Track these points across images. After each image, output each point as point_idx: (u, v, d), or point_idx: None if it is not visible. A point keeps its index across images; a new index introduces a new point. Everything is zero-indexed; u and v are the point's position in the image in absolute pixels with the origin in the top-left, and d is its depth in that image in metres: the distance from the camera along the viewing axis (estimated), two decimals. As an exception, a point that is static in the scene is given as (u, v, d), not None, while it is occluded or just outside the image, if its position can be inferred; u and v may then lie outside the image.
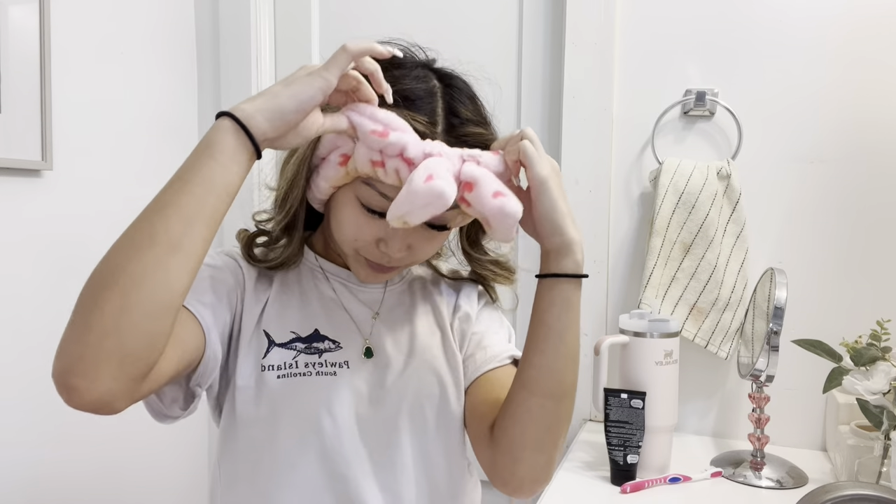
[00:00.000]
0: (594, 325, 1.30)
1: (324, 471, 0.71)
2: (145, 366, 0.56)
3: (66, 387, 0.53)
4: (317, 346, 0.73)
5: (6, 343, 1.12)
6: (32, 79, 1.13)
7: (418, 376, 0.76)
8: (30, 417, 1.16)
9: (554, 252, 0.66)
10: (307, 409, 0.71)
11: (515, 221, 0.63)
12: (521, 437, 0.68)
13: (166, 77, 1.46)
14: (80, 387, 0.53)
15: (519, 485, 0.70)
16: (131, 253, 0.55)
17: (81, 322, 0.54)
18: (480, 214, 0.64)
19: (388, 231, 0.67)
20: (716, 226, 1.18)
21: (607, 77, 1.27)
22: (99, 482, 1.30)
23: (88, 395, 0.53)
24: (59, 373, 0.54)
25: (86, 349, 0.53)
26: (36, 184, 1.17)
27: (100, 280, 0.55)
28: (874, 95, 1.16)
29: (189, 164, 0.58)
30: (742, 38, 1.21)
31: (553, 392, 0.67)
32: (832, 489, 0.76)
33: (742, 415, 1.23)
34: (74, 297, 0.57)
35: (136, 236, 0.56)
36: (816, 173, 1.19)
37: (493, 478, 0.72)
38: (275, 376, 0.71)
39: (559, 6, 1.33)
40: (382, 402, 0.73)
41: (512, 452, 0.69)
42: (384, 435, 0.73)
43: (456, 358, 0.78)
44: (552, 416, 0.68)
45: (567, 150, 1.29)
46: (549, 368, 0.67)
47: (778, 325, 0.99)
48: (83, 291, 0.56)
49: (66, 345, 0.54)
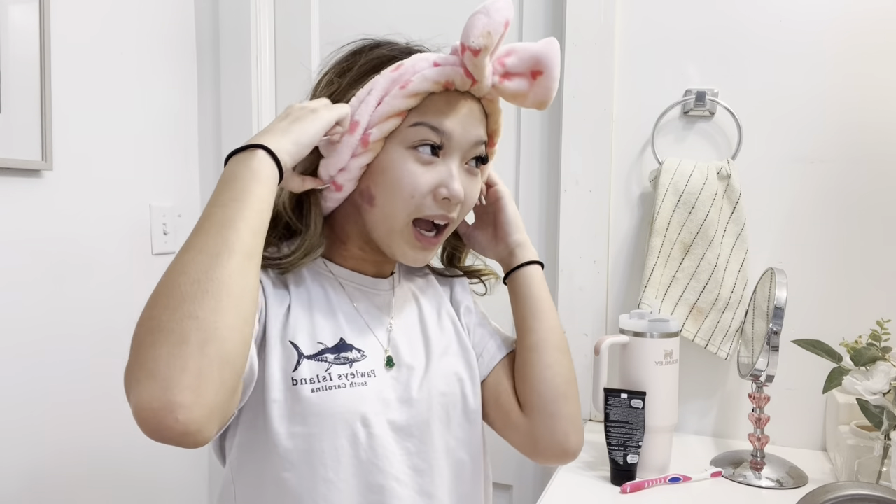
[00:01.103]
0: (594, 325, 1.30)
1: (360, 483, 0.70)
2: (239, 374, 0.56)
3: (168, 408, 0.50)
4: (345, 355, 0.72)
5: (5, 343, 1.12)
6: (32, 79, 1.13)
7: (440, 378, 0.77)
8: (28, 418, 1.16)
9: (517, 247, 0.83)
10: (343, 421, 0.69)
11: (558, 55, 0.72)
12: (552, 392, 0.77)
13: (166, 77, 1.46)
14: (187, 402, 0.51)
15: (563, 439, 0.77)
16: (214, 262, 0.56)
17: (173, 336, 0.52)
18: (526, 64, 0.72)
19: (446, 172, 0.72)
20: (716, 226, 1.18)
21: (607, 77, 1.27)
22: (99, 482, 1.30)
23: (194, 413, 0.51)
24: (155, 396, 0.51)
25: (188, 360, 0.52)
26: (36, 184, 1.17)
27: (181, 293, 0.54)
28: (875, 95, 1.16)
29: (242, 187, 0.61)
30: (742, 39, 1.21)
31: (559, 346, 0.80)
32: (832, 489, 0.76)
33: (742, 415, 1.23)
34: (74, 297, 0.57)
35: (213, 248, 0.57)
36: (816, 173, 1.19)
37: (536, 446, 0.78)
38: (309, 390, 0.69)
39: (559, 6, 1.33)
40: (411, 408, 0.74)
41: (548, 409, 0.77)
42: (416, 440, 0.74)
43: (470, 354, 0.81)
44: (567, 368, 0.79)
45: (567, 150, 1.29)
46: (548, 329, 0.80)
47: (778, 325, 0.99)
48: (156, 312, 0.54)
49: (156, 365, 0.51)
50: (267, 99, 1.52)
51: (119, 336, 1.33)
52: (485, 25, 0.66)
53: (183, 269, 0.56)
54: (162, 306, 0.54)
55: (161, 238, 1.43)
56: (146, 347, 0.53)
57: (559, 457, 0.78)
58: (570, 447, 0.78)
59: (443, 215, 0.73)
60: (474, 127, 0.73)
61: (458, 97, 0.72)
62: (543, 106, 0.74)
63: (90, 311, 1.26)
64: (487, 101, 0.75)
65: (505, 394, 0.81)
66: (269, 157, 0.63)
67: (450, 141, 0.72)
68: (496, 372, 0.82)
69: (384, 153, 0.72)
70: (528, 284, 0.81)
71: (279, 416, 0.68)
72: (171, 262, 0.57)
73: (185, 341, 0.52)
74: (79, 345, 1.24)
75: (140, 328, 0.54)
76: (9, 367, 1.13)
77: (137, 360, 0.53)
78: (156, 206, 1.42)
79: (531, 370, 0.78)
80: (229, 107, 1.50)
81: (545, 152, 1.37)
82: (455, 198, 0.72)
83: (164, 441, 0.52)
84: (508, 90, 0.73)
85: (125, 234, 1.35)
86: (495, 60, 0.72)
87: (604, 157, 1.28)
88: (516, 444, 0.81)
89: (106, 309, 1.30)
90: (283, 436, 0.68)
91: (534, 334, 0.79)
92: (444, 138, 0.71)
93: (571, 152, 1.29)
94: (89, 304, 1.25)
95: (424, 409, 0.74)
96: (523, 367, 0.79)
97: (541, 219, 1.38)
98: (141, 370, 0.52)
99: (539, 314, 0.80)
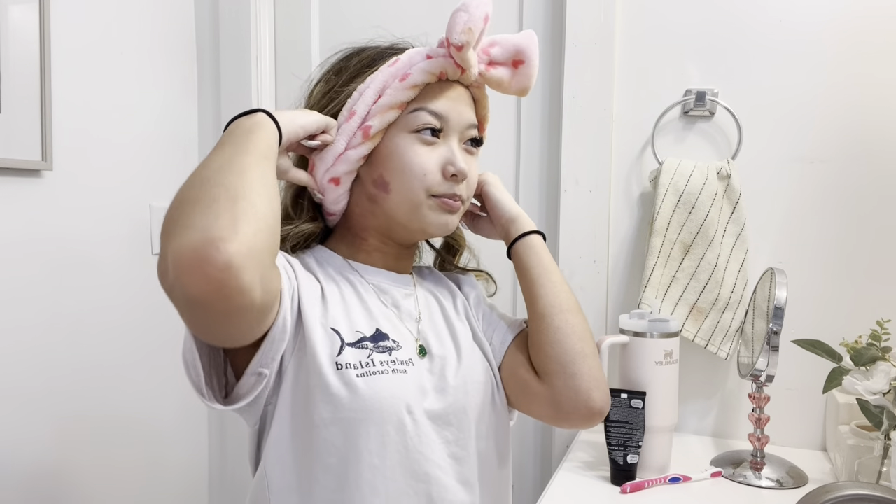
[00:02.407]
0: (594, 325, 1.30)
1: (406, 470, 0.71)
2: (273, 236, 0.58)
3: (209, 242, 0.52)
4: (383, 344, 0.74)
5: (6, 342, 1.12)
6: (32, 79, 1.13)
7: (471, 368, 0.79)
8: (29, 416, 1.16)
9: (511, 224, 0.85)
10: (389, 407, 0.70)
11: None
12: (568, 353, 0.77)
13: (166, 77, 1.46)
14: (226, 236, 0.52)
15: (586, 397, 0.76)
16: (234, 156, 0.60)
17: (204, 200, 0.55)
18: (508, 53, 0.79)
19: (448, 151, 0.77)
20: (716, 226, 1.18)
21: (607, 77, 1.27)
22: (98, 481, 1.30)
23: (234, 245, 0.52)
24: (194, 238, 0.52)
25: (222, 212, 0.54)
26: (36, 184, 1.17)
27: (206, 176, 0.58)
28: (875, 95, 1.16)
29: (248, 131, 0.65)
30: (742, 39, 1.21)
31: (569, 307, 0.80)
32: (832, 489, 0.76)
33: (742, 415, 1.23)
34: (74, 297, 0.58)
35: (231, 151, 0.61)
36: (816, 173, 1.19)
37: (560, 411, 0.77)
38: (354, 374, 0.69)
39: (559, 6, 1.33)
40: (448, 396, 0.75)
41: (566, 371, 0.76)
42: (455, 429, 0.75)
43: (485, 345, 0.84)
44: (580, 328, 0.79)
45: (567, 150, 1.29)
46: (553, 293, 0.80)
47: (778, 325, 0.99)
48: (183, 193, 0.58)
49: (191, 219, 0.54)
50: (267, 99, 1.52)
51: (119, 335, 1.33)
52: (465, 22, 0.72)
53: (204, 164, 0.60)
54: (188, 187, 0.58)
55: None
56: (177, 216, 0.55)
57: (586, 417, 0.77)
58: (595, 405, 0.76)
59: (453, 193, 0.77)
60: (466, 111, 0.79)
61: (449, 85, 0.78)
62: (524, 93, 0.80)
63: (90, 311, 1.26)
64: (475, 89, 0.81)
65: (522, 368, 0.81)
66: (271, 119, 0.67)
67: (447, 124, 0.77)
68: (510, 353, 0.84)
69: (388, 141, 0.76)
70: (527, 254, 0.83)
71: (325, 401, 0.69)
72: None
73: (216, 200, 0.55)
74: (79, 345, 1.24)
75: (169, 211, 0.57)
76: (9, 367, 1.13)
77: (171, 224, 0.55)
78: (156, 206, 1.42)
79: (543, 336, 0.79)
80: (229, 107, 1.50)
81: (545, 152, 1.37)
82: (461, 173, 0.76)
83: (209, 284, 0.52)
84: (493, 78, 0.79)
85: (125, 234, 1.35)
86: (480, 50, 0.78)
87: (604, 157, 1.28)
88: (541, 413, 0.80)
89: (106, 309, 1.30)
90: (329, 420, 0.69)
91: (541, 300, 0.80)
92: (443, 122, 0.77)
93: (571, 152, 1.29)
94: (89, 304, 1.25)
95: (461, 397, 0.76)
96: (536, 335, 0.80)
97: (541, 219, 1.38)
98: (175, 227, 0.54)
99: (543, 280, 0.81)
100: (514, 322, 0.87)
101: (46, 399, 1.19)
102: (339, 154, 0.76)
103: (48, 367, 1.19)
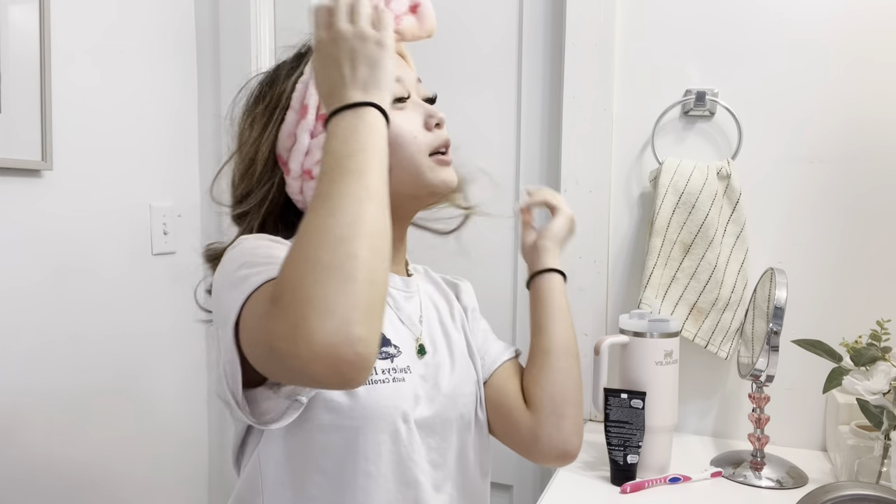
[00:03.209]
0: (594, 325, 1.30)
1: (398, 477, 0.71)
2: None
3: (348, 342, 0.50)
4: (385, 350, 0.73)
5: (6, 342, 1.12)
6: (32, 79, 1.13)
7: (461, 376, 0.79)
8: (29, 416, 1.16)
9: (547, 251, 0.89)
10: (388, 416, 0.70)
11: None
12: (563, 394, 0.80)
13: (166, 77, 1.46)
14: (364, 336, 0.51)
15: (566, 440, 0.80)
16: (361, 207, 0.56)
17: (340, 274, 0.52)
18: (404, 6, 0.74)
19: (420, 107, 0.76)
20: (716, 226, 1.18)
21: (607, 77, 1.27)
22: (98, 481, 1.30)
23: (370, 347, 0.52)
24: (333, 331, 0.50)
25: (359, 297, 0.52)
26: (36, 184, 1.17)
27: (337, 234, 0.54)
28: (874, 95, 1.16)
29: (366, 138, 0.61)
30: (742, 38, 1.21)
31: (572, 352, 0.83)
32: (832, 489, 0.76)
33: (742, 415, 1.23)
34: (74, 297, 0.57)
35: (356, 193, 0.56)
36: (816, 173, 1.19)
37: (536, 445, 0.80)
38: None
39: (559, 6, 1.33)
40: (436, 403, 0.75)
41: (556, 411, 0.80)
42: (438, 437, 0.75)
43: (476, 360, 0.84)
44: (578, 374, 0.83)
45: (567, 150, 1.29)
46: (569, 333, 0.84)
47: (778, 325, 0.99)
48: (313, 251, 0.53)
49: (329, 301, 0.51)
50: (267, 99, 1.52)
51: (119, 335, 1.33)
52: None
53: (331, 212, 0.55)
54: (316, 245, 0.53)
55: (161, 238, 1.43)
56: (311, 285, 0.52)
57: (560, 458, 0.81)
58: (572, 449, 0.81)
59: (446, 142, 0.77)
60: (409, 71, 0.79)
61: None
62: (432, 33, 0.76)
63: (90, 310, 1.26)
64: (398, 48, 0.79)
65: (509, 393, 0.83)
66: (380, 113, 0.63)
67: (405, 87, 0.76)
68: (499, 374, 0.85)
69: None
70: (552, 288, 0.85)
71: (325, 407, 0.68)
72: (310, 207, 0.56)
73: (353, 279, 0.52)
74: (79, 344, 1.24)
75: (297, 266, 0.53)
76: (9, 367, 1.13)
77: (303, 296, 0.51)
78: (156, 206, 1.42)
79: (545, 372, 0.81)
80: (229, 107, 1.50)
81: (545, 152, 1.37)
82: (441, 119, 0.76)
83: (336, 377, 0.51)
84: (406, 31, 0.74)
85: (125, 234, 1.35)
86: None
87: (604, 157, 1.28)
88: (515, 442, 0.82)
89: (106, 309, 1.30)
90: (328, 426, 0.69)
91: (552, 337, 0.83)
92: (402, 86, 0.75)
93: (571, 152, 1.29)
94: (89, 303, 1.25)
95: (449, 407, 0.76)
96: (537, 369, 0.82)
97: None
98: (310, 306, 0.51)
99: (559, 319, 0.84)
100: (508, 347, 0.89)
101: (46, 399, 1.19)
102: (305, 149, 0.73)
103: (48, 367, 1.19)
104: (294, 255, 0.54)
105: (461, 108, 1.40)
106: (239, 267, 0.63)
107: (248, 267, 0.62)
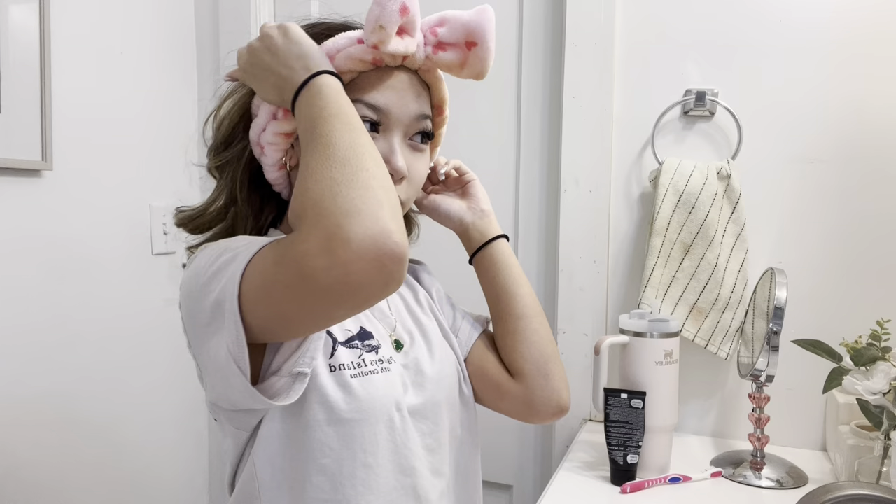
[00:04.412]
0: (594, 325, 1.30)
1: (395, 466, 0.72)
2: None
3: (385, 233, 0.53)
4: (369, 342, 0.74)
5: (6, 342, 1.12)
6: (32, 79, 1.13)
7: (442, 360, 0.80)
8: (28, 417, 1.16)
9: (487, 217, 0.86)
10: (382, 407, 0.70)
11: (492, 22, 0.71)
12: (544, 355, 0.82)
13: (166, 77, 1.46)
14: (395, 229, 0.54)
15: (558, 396, 0.82)
16: (353, 134, 0.59)
17: (357, 183, 0.55)
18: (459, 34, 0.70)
19: (387, 148, 0.71)
20: (716, 226, 1.18)
21: (607, 77, 1.27)
22: (98, 482, 1.30)
23: (403, 237, 0.54)
24: (369, 225, 0.53)
25: (381, 198, 0.55)
26: (36, 184, 1.17)
27: (343, 155, 0.57)
28: (874, 95, 1.16)
29: (335, 99, 0.63)
30: (742, 38, 1.21)
31: (541, 311, 0.85)
32: (832, 489, 0.76)
33: (742, 415, 1.23)
34: (74, 297, 0.57)
35: (343, 126, 0.60)
36: (816, 173, 1.19)
37: (532, 408, 0.82)
38: (348, 376, 0.69)
39: (559, 6, 1.33)
40: (424, 389, 0.76)
41: (542, 371, 0.82)
42: (430, 422, 0.76)
43: (452, 339, 0.85)
44: (549, 331, 0.84)
45: (567, 150, 1.29)
46: (532, 296, 0.84)
47: (778, 325, 0.99)
48: (327, 172, 0.56)
49: (355, 204, 0.54)
50: (267, 99, 1.52)
51: (119, 335, 1.33)
52: (377, 18, 0.66)
53: (328, 143, 0.58)
54: (328, 167, 0.57)
55: (161, 238, 1.43)
56: (332, 196, 0.55)
57: (556, 413, 0.83)
58: (564, 403, 0.83)
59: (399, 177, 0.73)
60: (413, 101, 0.72)
61: (391, 72, 0.71)
62: (480, 77, 0.73)
63: (90, 311, 1.26)
64: (425, 72, 0.74)
65: (491, 367, 0.84)
66: (329, 75, 0.65)
67: (388, 118, 0.70)
68: (475, 349, 0.86)
69: None
70: (506, 254, 0.85)
71: (319, 403, 0.68)
72: (306, 151, 0.60)
73: (369, 186, 0.55)
74: (79, 344, 1.24)
75: (312, 191, 0.56)
76: (9, 367, 1.13)
77: (327, 209, 0.54)
78: (156, 206, 1.42)
79: (520, 337, 0.82)
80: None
81: (545, 152, 1.37)
82: (398, 173, 0.70)
83: (380, 274, 0.53)
84: (443, 61, 0.71)
85: (125, 234, 1.35)
86: (427, 30, 0.71)
87: (604, 157, 1.28)
88: (511, 411, 0.84)
89: (106, 309, 1.30)
90: (324, 421, 0.68)
91: (521, 300, 0.83)
92: (382, 115, 0.70)
93: (571, 152, 1.29)
94: (89, 304, 1.25)
95: (437, 391, 0.77)
96: (513, 335, 0.83)
97: (541, 219, 1.38)
98: (339, 214, 0.54)
99: (522, 283, 0.84)
100: (479, 318, 0.89)
101: (46, 399, 1.19)
102: (262, 127, 0.72)
103: (48, 366, 1.19)
104: (305, 185, 0.57)
105: (461, 108, 1.40)
106: (218, 256, 0.63)
107: (230, 251, 0.62)
